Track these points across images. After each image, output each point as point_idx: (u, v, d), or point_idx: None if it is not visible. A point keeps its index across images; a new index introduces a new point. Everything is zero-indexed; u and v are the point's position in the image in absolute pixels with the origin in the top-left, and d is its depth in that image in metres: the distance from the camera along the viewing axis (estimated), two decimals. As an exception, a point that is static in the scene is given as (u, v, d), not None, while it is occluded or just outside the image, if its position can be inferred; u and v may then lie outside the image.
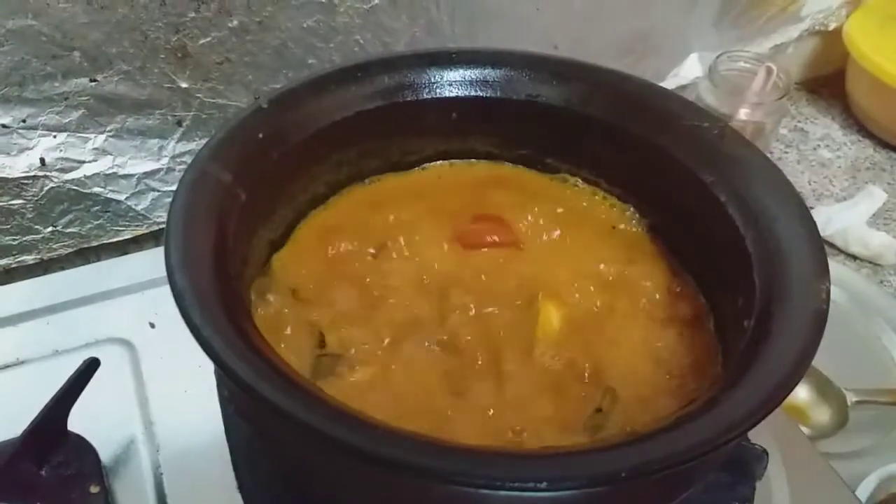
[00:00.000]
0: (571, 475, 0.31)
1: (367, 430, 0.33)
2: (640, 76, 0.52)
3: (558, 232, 0.52)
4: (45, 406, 0.48)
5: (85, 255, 0.70)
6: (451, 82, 0.51)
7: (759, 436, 0.49)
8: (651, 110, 0.50)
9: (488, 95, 0.51)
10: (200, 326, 0.35)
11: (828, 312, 0.37)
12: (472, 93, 0.51)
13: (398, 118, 0.51)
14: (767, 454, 0.46)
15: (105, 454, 0.50)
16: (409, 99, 0.50)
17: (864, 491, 0.56)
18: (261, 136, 0.45)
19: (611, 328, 0.47)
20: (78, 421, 0.50)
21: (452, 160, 0.55)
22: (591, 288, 0.48)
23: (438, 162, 0.55)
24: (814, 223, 0.42)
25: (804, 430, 0.63)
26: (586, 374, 0.44)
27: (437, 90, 0.51)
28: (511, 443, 0.40)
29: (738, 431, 0.32)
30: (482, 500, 0.34)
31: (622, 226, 0.52)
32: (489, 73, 0.51)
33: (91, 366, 0.50)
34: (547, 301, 0.47)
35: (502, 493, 0.31)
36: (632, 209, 0.53)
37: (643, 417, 0.42)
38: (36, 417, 0.47)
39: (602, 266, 0.50)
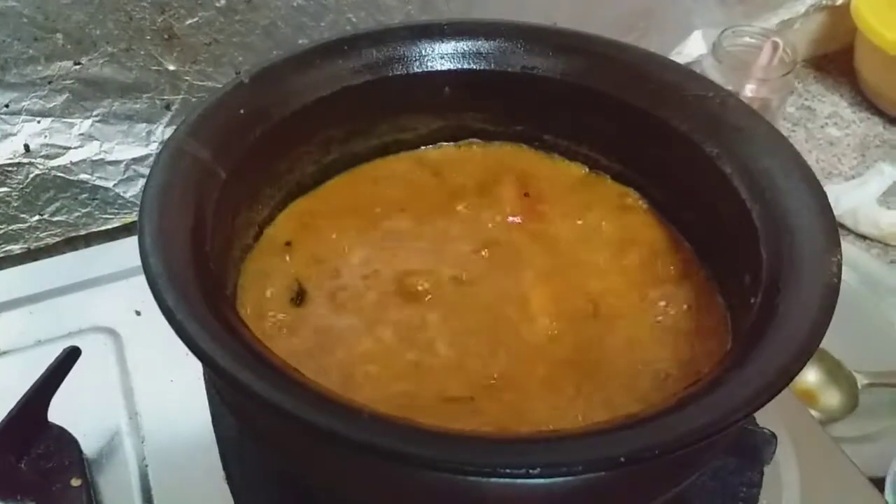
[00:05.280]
0: (567, 460, 0.29)
1: (351, 416, 0.31)
2: (640, 49, 0.50)
3: (556, 210, 0.50)
4: (23, 396, 0.47)
5: (73, 244, 0.69)
6: (443, 55, 0.49)
7: (767, 419, 0.47)
8: (652, 81, 0.48)
9: (482, 68, 0.49)
10: (174, 310, 0.33)
11: (839, 286, 0.35)
12: (465, 66, 0.49)
13: (387, 93, 0.49)
14: (776, 438, 0.45)
15: (88, 446, 0.49)
16: (398, 73, 0.48)
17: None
18: (242, 112, 0.44)
19: (610, 308, 0.45)
20: (60, 412, 0.49)
21: (451, 143, 0.54)
22: (590, 266, 0.47)
23: (438, 145, 0.53)
24: (824, 194, 0.40)
25: (813, 413, 0.62)
26: (582, 361, 0.42)
27: (428, 63, 0.49)
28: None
29: (743, 413, 0.31)
30: (472, 488, 0.32)
31: (623, 202, 0.51)
32: (482, 45, 0.49)
33: (71, 355, 0.49)
34: (539, 285, 0.46)
35: (493, 480, 0.30)
36: (633, 184, 0.51)
37: (645, 400, 0.40)
38: (13, 408, 0.46)
39: (601, 244, 0.48)
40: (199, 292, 0.35)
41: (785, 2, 0.91)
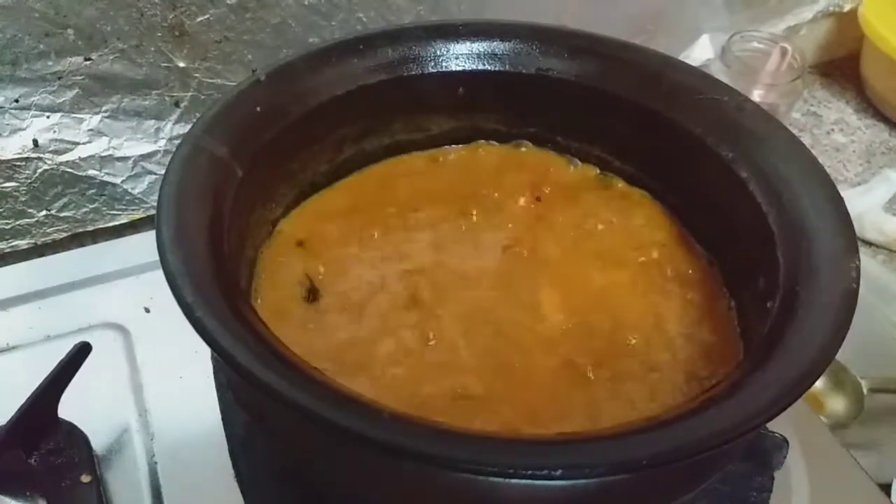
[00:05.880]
0: (588, 462, 0.29)
1: (372, 415, 0.31)
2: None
3: (568, 212, 0.50)
4: (34, 392, 0.46)
5: (80, 240, 0.68)
6: (458, 55, 0.49)
7: (776, 424, 0.47)
8: (667, 84, 0.48)
9: (497, 69, 0.49)
10: (193, 307, 0.33)
11: (858, 292, 0.35)
12: (480, 66, 0.49)
13: (402, 93, 0.49)
14: (787, 443, 0.45)
15: (97, 442, 0.49)
16: (413, 73, 0.48)
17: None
18: (258, 109, 0.44)
19: (621, 309, 0.45)
20: (69, 408, 0.48)
21: (464, 143, 0.54)
22: (601, 270, 0.47)
23: (450, 146, 0.53)
24: (840, 199, 0.40)
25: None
26: (594, 362, 0.42)
27: (443, 64, 0.49)
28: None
29: (766, 417, 0.31)
30: (493, 489, 0.32)
31: (635, 204, 0.50)
32: (497, 46, 0.49)
33: (82, 350, 0.48)
34: (551, 285, 0.46)
35: (514, 481, 0.30)
36: (646, 187, 0.51)
37: (654, 405, 0.40)
38: (24, 404, 0.46)
39: (613, 246, 0.48)
40: (217, 289, 0.35)
41: (792, 7, 0.91)
